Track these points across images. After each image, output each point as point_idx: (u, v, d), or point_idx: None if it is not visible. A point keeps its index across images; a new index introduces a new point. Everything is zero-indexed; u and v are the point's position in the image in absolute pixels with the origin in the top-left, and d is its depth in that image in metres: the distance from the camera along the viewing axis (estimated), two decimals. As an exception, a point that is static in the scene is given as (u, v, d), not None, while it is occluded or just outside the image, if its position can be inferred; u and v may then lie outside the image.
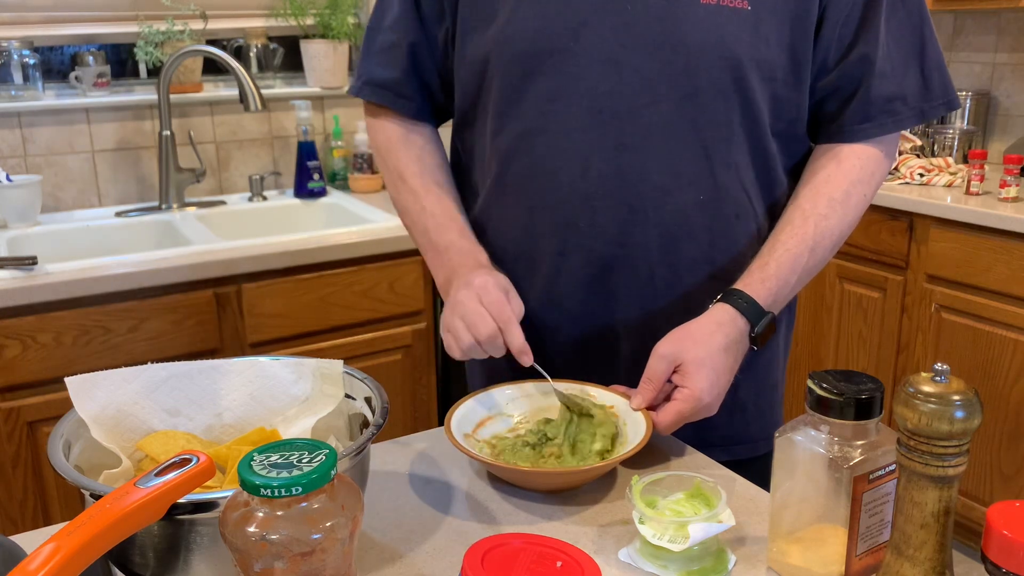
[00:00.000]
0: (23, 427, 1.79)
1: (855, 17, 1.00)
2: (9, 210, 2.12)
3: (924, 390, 0.57)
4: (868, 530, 0.73)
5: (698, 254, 1.03)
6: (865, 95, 1.02)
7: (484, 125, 1.08)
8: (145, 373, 0.84)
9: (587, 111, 0.99)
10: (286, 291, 1.99)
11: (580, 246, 1.03)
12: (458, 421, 0.94)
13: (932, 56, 1.04)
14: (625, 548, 0.81)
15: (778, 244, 1.00)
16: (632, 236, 1.01)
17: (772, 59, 0.98)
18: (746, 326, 0.96)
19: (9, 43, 2.22)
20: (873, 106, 1.02)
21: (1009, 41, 2.78)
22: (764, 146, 1.03)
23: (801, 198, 1.03)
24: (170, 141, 2.31)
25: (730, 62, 0.97)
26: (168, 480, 0.63)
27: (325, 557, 0.59)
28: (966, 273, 2.34)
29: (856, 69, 1.01)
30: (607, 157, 0.99)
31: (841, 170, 1.03)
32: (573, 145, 1.00)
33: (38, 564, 0.55)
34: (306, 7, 2.53)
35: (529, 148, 1.03)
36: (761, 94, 0.99)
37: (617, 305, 1.05)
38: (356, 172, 2.56)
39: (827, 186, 1.02)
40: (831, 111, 1.05)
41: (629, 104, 0.98)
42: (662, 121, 0.98)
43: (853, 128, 1.03)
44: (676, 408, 0.92)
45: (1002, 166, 2.39)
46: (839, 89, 1.03)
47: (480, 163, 1.11)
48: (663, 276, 1.03)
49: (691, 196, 1.01)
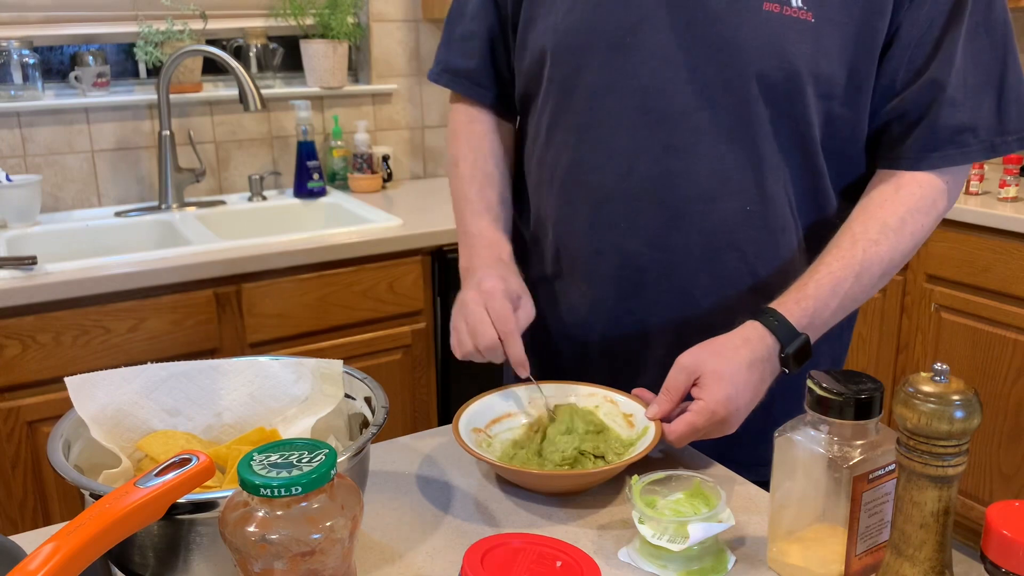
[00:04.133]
0: (23, 427, 1.79)
1: (929, 40, 0.95)
2: (9, 210, 2.12)
3: (924, 390, 0.57)
4: (868, 530, 0.73)
5: (741, 265, 1.00)
6: (933, 123, 0.96)
7: (540, 117, 1.08)
8: (145, 373, 0.84)
9: (637, 109, 0.98)
10: (286, 291, 1.99)
11: (617, 246, 1.02)
12: (467, 419, 0.95)
13: (1013, 87, 0.97)
14: (625, 548, 0.81)
15: (822, 266, 0.96)
16: (672, 241, 1.00)
17: (831, 74, 0.94)
18: (776, 345, 0.92)
19: (9, 43, 2.22)
20: (940, 135, 0.96)
21: (1009, 41, 2.78)
22: (814, 162, 1.00)
23: (853, 222, 0.98)
24: (170, 141, 2.31)
25: (787, 72, 0.93)
26: (168, 480, 0.63)
27: (325, 557, 0.59)
28: (966, 273, 2.34)
29: (925, 94, 0.96)
30: (654, 158, 0.98)
31: (899, 197, 0.98)
32: (619, 143, 0.99)
33: (38, 564, 0.55)
34: (306, 7, 2.53)
35: (578, 143, 1.03)
36: (816, 108, 0.96)
37: (650, 310, 1.04)
38: (356, 172, 2.56)
39: (881, 211, 0.97)
40: (895, 136, 0.99)
41: (681, 105, 0.96)
42: (713, 125, 0.96)
43: (917, 156, 0.98)
44: (688, 420, 0.88)
45: (1002, 166, 2.39)
46: (906, 114, 0.98)
47: (535, 156, 1.11)
48: (703, 285, 1.01)
49: (737, 205, 0.98)
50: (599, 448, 0.93)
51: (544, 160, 1.08)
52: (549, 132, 1.06)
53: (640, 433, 0.94)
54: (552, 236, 1.10)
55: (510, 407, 0.99)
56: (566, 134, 1.04)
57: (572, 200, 1.05)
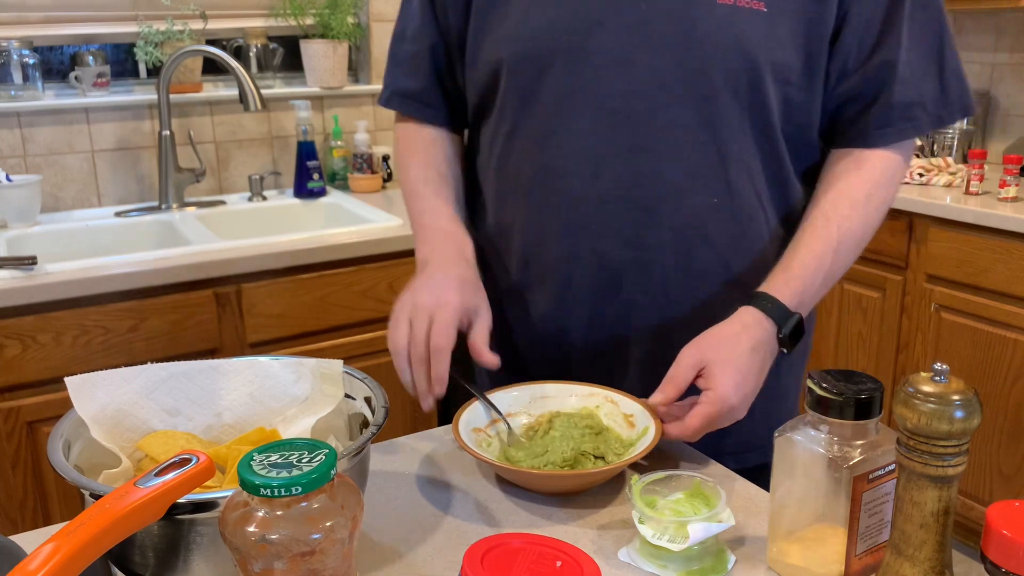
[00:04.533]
0: (23, 427, 1.79)
1: (876, 21, 0.99)
2: (9, 210, 2.12)
3: (924, 390, 0.57)
4: (868, 530, 0.73)
5: (713, 258, 1.02)
6: (887, 101, 1.00)
7: (498, 127, 1.07)
8: (145, 373, 0.84)
9: (600, 111, 0.98)
10: (286, 291, 1.99)
11: (592, 250, 1.02)
12: (467, 419, 0.95)
13: (951, 61, 1.03)
14: (625, 548, 0.81)
15: (801, 246, 0.99)
16: (646, 239, 1.01)
17: (786, 61, 0.97)
18: (773, 328, 0.94)
19: (9, 43, 2.22)
20: (894, 112, 1.01)
21: (1009, 41, 2.78)
22: (776, 149, 1.02)
23: (822, 200, 1.02)
24: (170, 141, 2.31)
25: (746, 63, 0.96)
26: (168, 480, 0.63)
27: (325, 557, 0.59)
28: (965, 273, 2.34)
29: (878, 74, 1.00)
30: (621, 159, 0.99)
31: (862, 173, 1.02)
32: (586, 146, 1.00)
33: (38, 564, 0.55)
34: (306, 7, 2.52)
35: (541, 149, 1.02)
36: (775, 96, 0.98)
37: (630, 310, 1.04)
38: (356, 172, 2.56)
39: (848, 189, 1.01)
40: (851, 116, 1.03)
41: (644, 105, 0.97)
42: (677, 122, 0.97)
43: (874, 133, 1.02)
44: (703, 412, 0.89)
45: (1001, 166, 2.39)
46: (861, 95, 1.01)
47: (493, 166, 1.10)
48: (678, 280, 1.02)
49: (705, 198, 1.00)
50: (599, 448, 0.93)
51: (505, 169, 1.08)
52: (509, 141, 1.06)
53: (640, 433, 0.94)
54: (519, 245, 1.08)
55: (510, 407, 0.99)
56: (528, 142, 1.03)
57: (540, 208, 1.04)
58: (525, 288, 1.09)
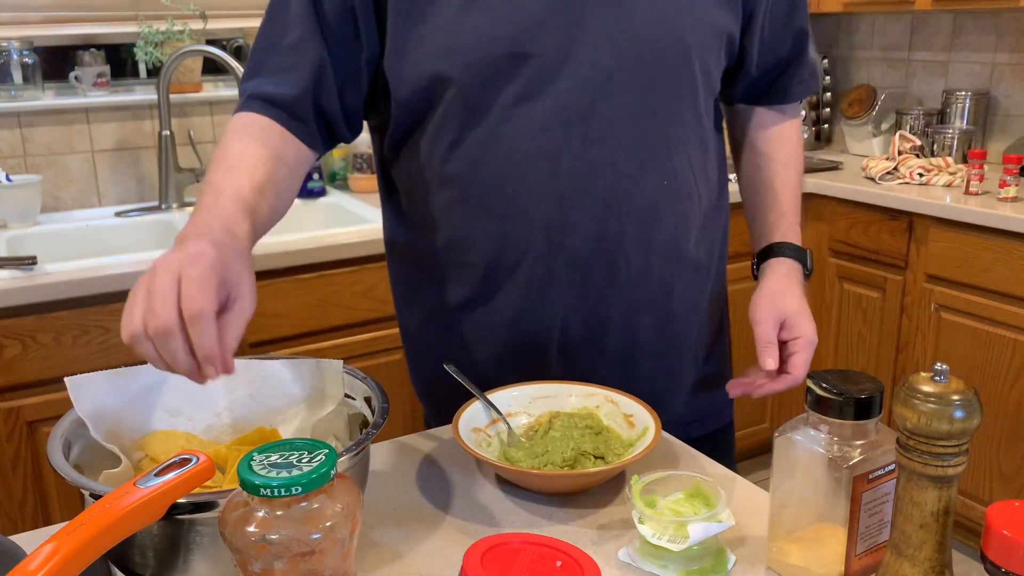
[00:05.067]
0: (23, 427, 1.79)
1: None
2: (9, 210, 2.12)
3: (923, 390, 0.57)
4: (868, 530, 0.73)
5: (666, 238, 1.06)
6: (802, 61, 1.16)
7: (436, 140, 1.03)
8: (145, 373, 0.84)
9: (552, 110, 0.99)
10: (286, 291, 1.99)
11: (559, 247, 1.03)
12: (467, 419, 0.95)
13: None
14: (625, 548, 0.81)
15: (779, 193, 1.16)
16: (608, 229, 1.03)
17: (707, 40, 1.03)
18: (799, 266, 1.11)
19: (9, 43, 2.22)
20: (806, 70, 1.17)
21: (1009, 41, 2.78)
22: (703, 125, 1.08)
23: (769, 148, 1.18)
24: (170, 141, 2.31)
25: (680, 49, 1.01)
26: (168, 480, 0.63)
27: (325, 557, 0.59)
28: (965, 273, 2.34)
29: (797, 40, 1.14)
30: (576, 153, 1.00)
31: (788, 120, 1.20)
32: (540, 146, 1.00)
33: (38, 564, 0.55)
34: (306, 7, 2.52)
35: (494, 155, 1.01)
36: (702, 76, 1.04)
37: (600, 301, 1.06)
38: (356, 172, 2.56)
39: (783, 132, 1.20)
40: (773, 77, 1.16)
41: (592, 98, 0.99)
42: (624, 112, 1.00)
43: (794, 89, 1.18)
44: (803, 357, 1.02)
45: (1001, 166, 2.39)
46: (781, 60, 1.15)
47: (435, 179, 1.05)
48: (637, 265, 1.05)
49: (656, 182, 1.04)
50: (599, 448, 0.93)
51: (448, 179, 1.04)
52: (452, 151, 1.02)
53: (640, 433, 0.94)
54: (479, 255, 1.06)
55: (510, 407, 0.99)
56: (477, 149, 1.01)
57: (500, 214, 1.03)
58: (488, 297, 1.08)
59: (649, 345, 1.10)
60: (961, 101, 2.84)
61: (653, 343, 1.11)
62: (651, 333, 1.10)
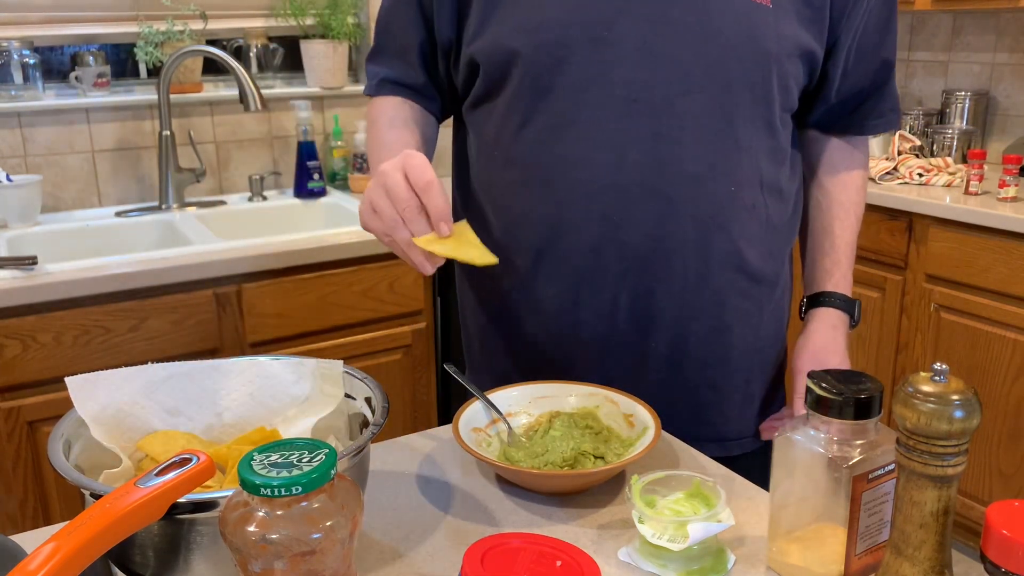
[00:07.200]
0: (23, 427, 1.79)
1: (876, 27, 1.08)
2: (9, 210, 2.12)
3: (923, 390, 0.57)
4: (867, 529, 0.73)
5: (728, 246, 1.04)
6: (882, 95, 1.13)
7: (506, 119, 1.05)
8: (145, 373, 0.84)
9: (622, 100, 0.99)
10: (286, 291, 1.99)
11: (614, 240, 1.02)
12: (467, 419, 0.95)
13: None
14: (625, 548, 0.81)
15: (837, 239, 1.14)
16: (667, 228, 1.01)
17: (788, 51, 1.01)
18: (847, 318, 1.13)
19: (9, 43, 2.22)
20: (886, 105, 1.14)
21: (1008, 41, 2.78)
22: (777, 138, 1.06)
23: (833, 190, 1.16)
24: (170, 141, 2.31)
25: (760, 56, 0.99)
26: (168, 480, 0.63)
27: (325, 557, 0.59)
28: (965, 273, 2.34)
29: (880, 73, 1.12)
30: (644, 147, 0.99)
31: (856, 159, 1.17)
32: (607, 135, 1.00)
33: (38, 564, 0.55)
34: (306, 7, 2.53)
35: (559, 139, 1.02)
36: (779, 87, 1.02)
37: (648, 301, 1.04)
38: (356, 172, 2.56)
39: (851, 177, 1.16)
40: (851, 108, 1.13)
41: (664, 93, 0.98)
42: (697, 111, 0.99)
43: (869, 124, 1.15)
44: None
45: (1001, 166, 2.39)
46: (863, 90, 1.12)
47: (498, 160, 1.08)
48: (696, 270, 1.03)
49: (723, 187, 1.02)
50: (599, 448, 0.93)
51: (514, 160, 1.06)
52: (520, 132, 1.04)
53: (640, 433, 0.94)
54: (533, 237, 1.06)
55: (510, 407, 0.99)
56: (544, 132, 1.02)
57: (560, 198, 1.03)
58: (537, 282, 1.08)
59: (696, 353, 1.08)
60: (961, 101, 2.84)
61: (702, 351, 1.08)
62: (700, 341, 1.07)
